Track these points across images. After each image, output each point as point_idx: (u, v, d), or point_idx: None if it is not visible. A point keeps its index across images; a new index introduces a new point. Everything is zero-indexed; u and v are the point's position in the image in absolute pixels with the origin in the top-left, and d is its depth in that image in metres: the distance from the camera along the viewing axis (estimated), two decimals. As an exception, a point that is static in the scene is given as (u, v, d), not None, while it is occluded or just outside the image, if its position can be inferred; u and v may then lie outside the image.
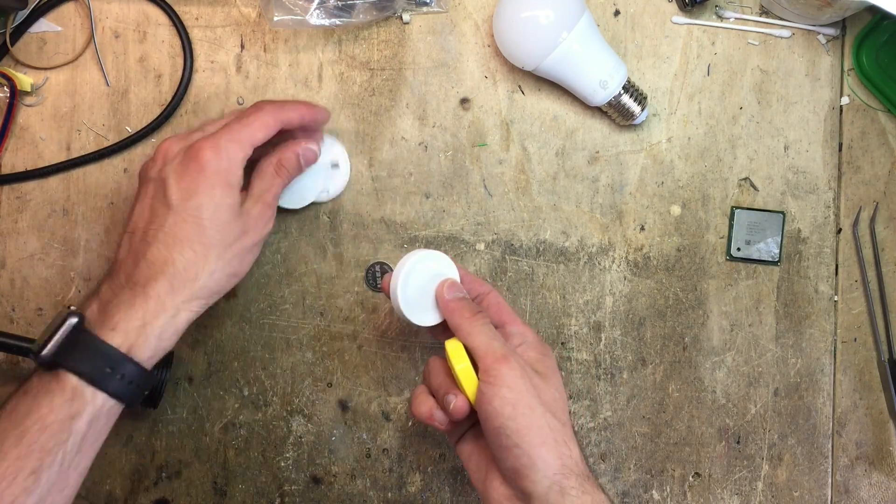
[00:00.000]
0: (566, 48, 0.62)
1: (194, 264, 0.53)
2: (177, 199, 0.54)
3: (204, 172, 0.54)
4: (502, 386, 0.51)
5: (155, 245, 0.53)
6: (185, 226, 0.53)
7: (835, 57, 0.68)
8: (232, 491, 0.67)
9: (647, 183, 0.68)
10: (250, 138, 0.56)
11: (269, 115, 0.57)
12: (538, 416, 0.51)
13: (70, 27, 0.67)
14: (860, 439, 0.68)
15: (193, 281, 0.53)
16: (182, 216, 0.53)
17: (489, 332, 0.54)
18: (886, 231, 0.68)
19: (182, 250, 0.53)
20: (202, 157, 0.54)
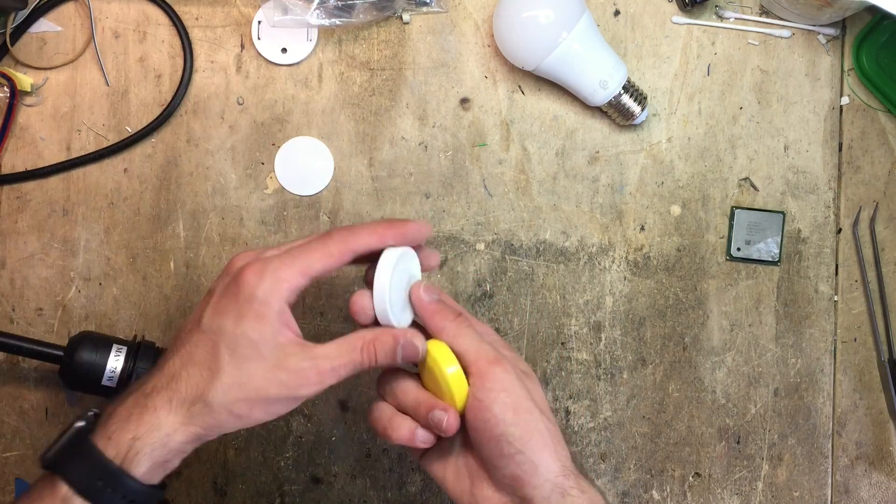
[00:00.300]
0: (566, 48, 0.62)
1: (197, 388, 0.48)
2: (206, 318, 0.49)
3: (238, 297, 0.48)
4: (500, 391, 0.49)
5: (173, 357, 0.49)
6: (203, 347, 0.48)
7: (835, 57, 0.68)
8: (232, 491, 0.67)
9: (647, 183, 0.68)
10: (305, 269, 0.48)
11: (335, 243, 0.50)
12: (538, 420, 0.49)
13: (70, 27, 0.67)
14: (860, 439, 0.68)
15: (193, 403, 0.48)
16: (204, 336, 0.48)
17: (476, 334, 0.51)
18: (886, 231, 0.68)
19: (190, 370, 0.48)
20: (242, 279, 0.48)
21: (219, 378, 0.48)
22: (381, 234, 0.50)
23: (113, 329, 0.67)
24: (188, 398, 0.48)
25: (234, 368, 0.48)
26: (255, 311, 0.48)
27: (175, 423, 0.47)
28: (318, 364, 0.49)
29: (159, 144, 0.67)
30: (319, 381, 0.49)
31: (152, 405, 0.48)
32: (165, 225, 0.67)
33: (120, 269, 0.67)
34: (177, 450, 0.48)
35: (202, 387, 0.48)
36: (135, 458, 0.46)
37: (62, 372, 0.61)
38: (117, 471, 0.46)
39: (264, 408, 0.49)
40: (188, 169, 0.67)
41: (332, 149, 0.67)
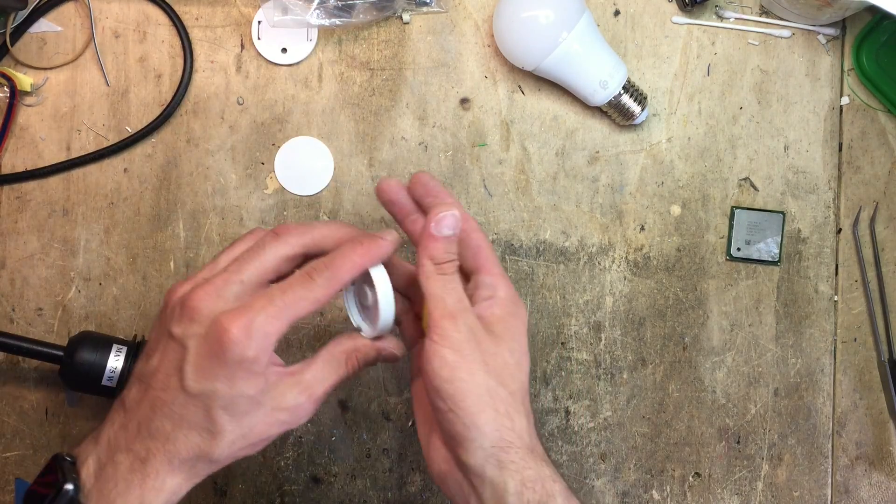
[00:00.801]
0: (566, 48, 0.62)
1: (198, 448, 0.47)
2: (191, 380, 0.46)
3: (225, 357, 0.45)
4: (444, 346, 0.48)
5: (160, 418, 0.47)
6: (196, 410, 0.47)
7: (835, 57, 0.68)
8: (232, 491, 0.67)
9: (647, 183, 0.68)
10: (292, 319, 0.47)
11: (321, 288, 0.48)
12: (478, 384, 0.47)
13: (70, 27, 0.67)
14: (860, 439, 0.68)
15: (197, 461, 0.47)
16: (193, 399, 0.46)
17: (447, 283, 0.50)
18: (886, 231, 0.68)
19: (187, 434, 0.47)
20: (228, 338, 0.45)
21: (221, 437, 0.47)
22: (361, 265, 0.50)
23: (113, 329, 0.67)
24: (190, 458, 0.47)
25: (235, 426, 0.47)
26: (248, 370, 0.46)
27: (180, 481, 0.48)
28: (312, 392, 0.49)
29: (159, 144, 0.67)
30: (315, 406, 0.50)
31: (153, 470, 0.47)
32: (165, 225, 0.67)
33: (120, 269, 0.67)
34: (179, 494, 0.48)
35: (204, 447, 0.47)
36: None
37: (62, 372, 0.61)
38: None
39: (266, 443, 0.49)
40: (188, 169, 0.67)
41: (332, 149, 0.67)
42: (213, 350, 0.46)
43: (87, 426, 0.67)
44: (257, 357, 0.46)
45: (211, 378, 0.46)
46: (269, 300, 0.47)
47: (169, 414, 0.47)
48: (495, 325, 0.50)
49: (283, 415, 0.48)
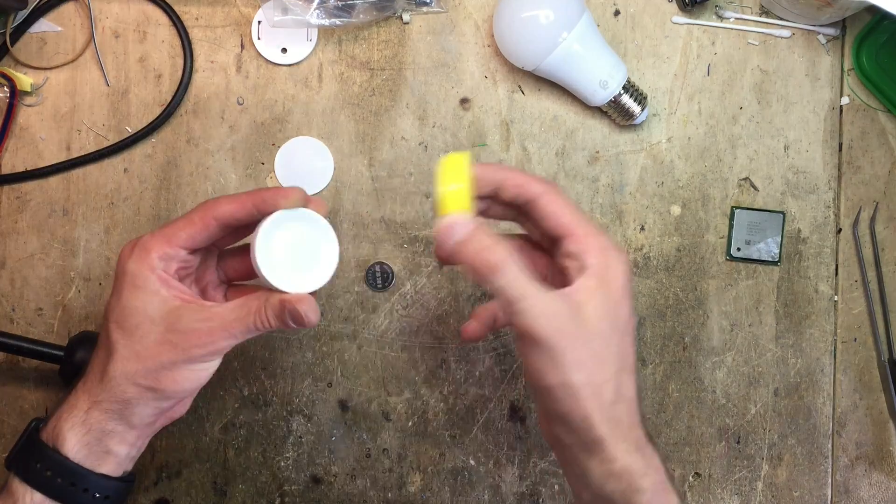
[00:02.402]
0: (566, 48, 0.62)
1: (100, 367, 0.51)
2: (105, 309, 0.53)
3: (116, 273, 0.52)
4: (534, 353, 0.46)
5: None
6: (103, 329, 0.52)
7: (835, 57, 0.68)
8: (232, 491, 0.67)
9: (647, 183, 0.68)
10: (169, 237, 0.51)
11: (196, 212, 0.52)
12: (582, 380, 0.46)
13: (70, 27, 0.67)
14: (860, 439, 0.68)
15: (99, 381, 0.51)
16: (103, 321, 0.52)
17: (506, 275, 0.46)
18: (886, 231, 0.68)
19: (98, 352, 0.52)
20: (119, 258, 0.52)
21: (115, 352, 0.50)
22: (242, 201, 0.51)
23: (113, 329, 0.67)
24: (96, 378, 0.51)
25: (127, 340, 0.50)
26: (130, 282, 0.50)
27: (88, 400, 0.51)
28: (211, 324, 0.50)
29: (159, 144, 0.67)
30: (212, 341, 0.50)
31: (73, 392, 0.52)
32: (165, 225, 0.67)
33: (120, 269, 0.67)
34: (101, 429, 0.50)
35: (104, 364, 0.51)
36: (59, 437, 0.50)
37: (62, 372, 0.61)
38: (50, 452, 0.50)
39: (168, 375, 0.50)
40: (188, 169, 0.67)
41: (332, 149, 0.67)
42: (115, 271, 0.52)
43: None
44: (139, 270, 0.50)
45: (110, 297, 0.52)
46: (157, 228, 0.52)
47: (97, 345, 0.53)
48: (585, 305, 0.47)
49: (174, 336, 0.49)
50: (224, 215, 0.51)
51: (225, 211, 0.51)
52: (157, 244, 0.51)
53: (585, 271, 0.47)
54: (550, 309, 0.46)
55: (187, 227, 0.51)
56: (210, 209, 0.51)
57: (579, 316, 0.46)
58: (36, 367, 0.66)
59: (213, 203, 0.52)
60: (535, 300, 0.46)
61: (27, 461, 0.50)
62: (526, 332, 0.46)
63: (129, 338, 0.50)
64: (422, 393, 0.67)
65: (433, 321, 0.67)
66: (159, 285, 0.50)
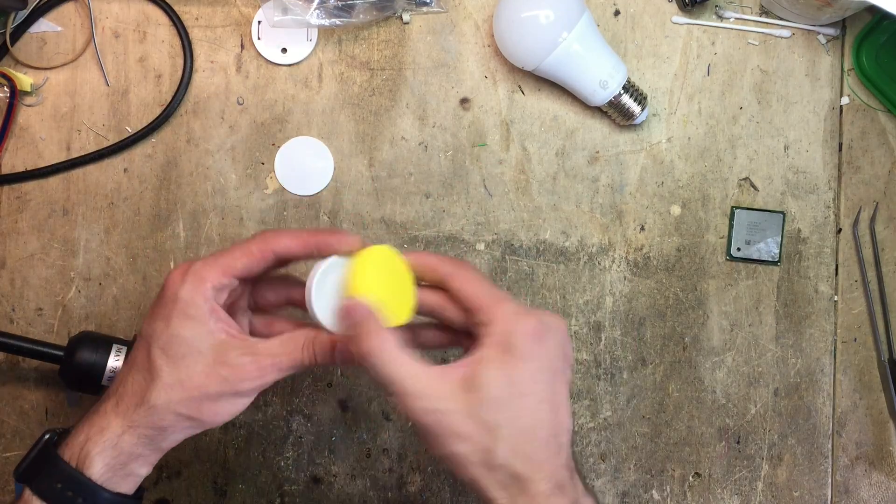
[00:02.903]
0: (566, 48, 0.62)
1: (139, 391, 0.49)
2: (143, 325, 0.51)
3: (163, 299, 0.50)
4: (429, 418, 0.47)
5: (123, 371, 0.52)
6: (141, 352, 0.50)
7: (835, 57, 0.68)
8: (232, 491, 0.67)
9: (647, 183, 0.68)
10: (226, 268, 0.50)
11: (256, 244, 0.51)
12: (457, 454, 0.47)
13: (70, 27, 0.67)
14: (860, 439, 0.68)
15: (137, 406, 0.49)
16: (142, 342, 0.51)
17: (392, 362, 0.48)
18: (886, 231, 0.68)
19: (134, 375, 0.50)
20: (168, 282, 0.50)
21: (158, 379, 0.49)
22: (303, 240, 0.51)
23: (113, 329, 0.67)
24: (133, 402, 0.49)
25: (172, 369, 0.49)
26: (181, 310, 0.49)
27: (122, 425, 0.49)
28: (259, 359, 0.50)
29: (159, 144, 0.67)
30: (260, 376, 0.50)
31: (102, 410, 0.50)
32: (165, 225, 0.67)
33: (120, 269, 0.67)
34: (130, 452, 0.49)
35: (143, 389, 0.49)
36: (86, 460, 0.48)
37: (62, 372, 0.61)
38: (75, 473, 0.48)
39: (210, 407, 0.50)
40: (188, 169, 0.67)
41: (332, 149, 0.67)
42: (159, 297, 0.51)
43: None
44: (191, 298, 0.49)
45: (154, 319, 0.50)
46: (212, 255, 0.51)
47: (129, 360, 0.51)
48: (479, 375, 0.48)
49: (224, 370, 0.49)
50: (283, 251, 0.51)
51: (285, 246, 0.51)
52: (213, 274, 0.50)
53: (486, 339, 0.49)
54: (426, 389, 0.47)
55: (245, 258, 0.51)
56: (270, 242, 0.51)
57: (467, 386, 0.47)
58: (36, 367, 0.66)
59: (274, 236, 0.51)
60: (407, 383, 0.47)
61: (48, 481, 0.48)
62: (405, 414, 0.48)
63: (176, 367, 0.49)
64: (422, 393, 0.67)
65: (433, 321, 0.67)
66: (211, 316, 0.50)
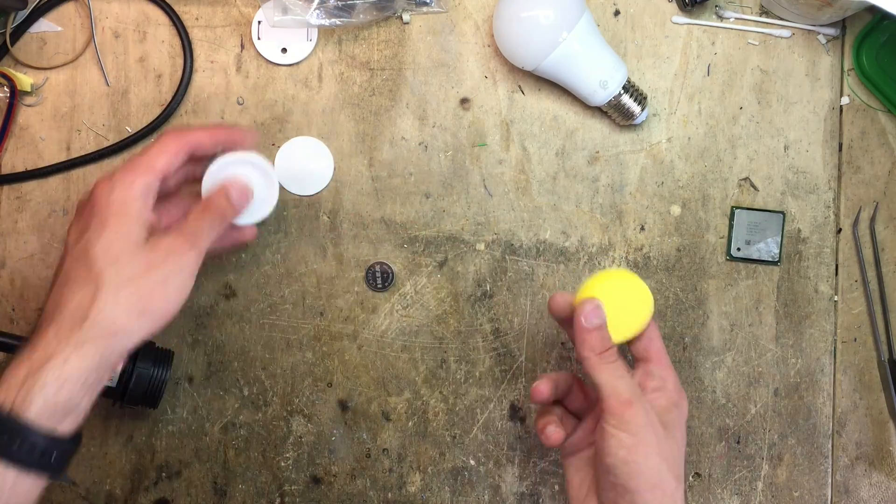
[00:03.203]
0: (566, 48, 0.62)
1: (81, 304, 0.48)
2: (71, 240, 0.52)
3: (94, 208, 0.52)
4: (624, 431, 0.51)
5: (51, 292, 0.51)
6: (76, 265, 0.50)
7: (835, 57, 0.68)
8: (232, 491, 0.67)
9: (647, 183, 0.68)
10: (148, 165, 0.53)
11: (171, 141, 0.54)
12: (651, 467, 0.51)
13: (70, 27, 0.67)
14: (860, 439, 0.68)
15: (82, 321, 0.48)
16: (74, 256, 0.51)
17: (616, 370, 0.53)
18: (886, 231, 0.68)
19: (72, 291, 0.49)
20: (95, 194, 0.52)
21: (104, 284, 0.49)
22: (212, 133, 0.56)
23: (113, 329, 0.67)
24: (77, 318, 0.48)
25: (115, 269, 0.50)
26: (116, 212, 0.51)
27: (68, 349, 0.47)
28: (181, 233, 0.53)
29: (159, 144, 0.67)
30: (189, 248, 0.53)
31: (41, 341, 0.47)
32: (165, 225, 0.67)
33: (120, 269, 0.67)
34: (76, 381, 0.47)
35: (88, 301, 0.48)
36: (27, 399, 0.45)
37: (62, 371, 0.61)
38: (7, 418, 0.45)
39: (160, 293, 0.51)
40: (188, 169, 0.67)
41: (332, 149, 0.67)
42: (85, 210, 0.53)
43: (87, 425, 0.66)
44: (123, 200, 0.51)
45: (85, 230, 0.51)
46: (128, 161, 0.54)
47: (57, 283, 0.51)
48: (664, 415, 0.53)
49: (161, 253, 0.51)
50: (194, 144, 0.55)
51: (197, 140, 0.55)
52: (138, 175, 0.52)
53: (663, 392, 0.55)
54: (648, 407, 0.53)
55: (163, 156, 0.53)
56: (184, 137, 0.55)
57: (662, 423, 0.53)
58: None
59: (186, 132, 0.55)
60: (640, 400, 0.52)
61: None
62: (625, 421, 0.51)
63: (119, 265, 0.50)
64: (422, 393, 0.67)
65: (433, 321, 0.67)
66: (142, 213, 0.52)
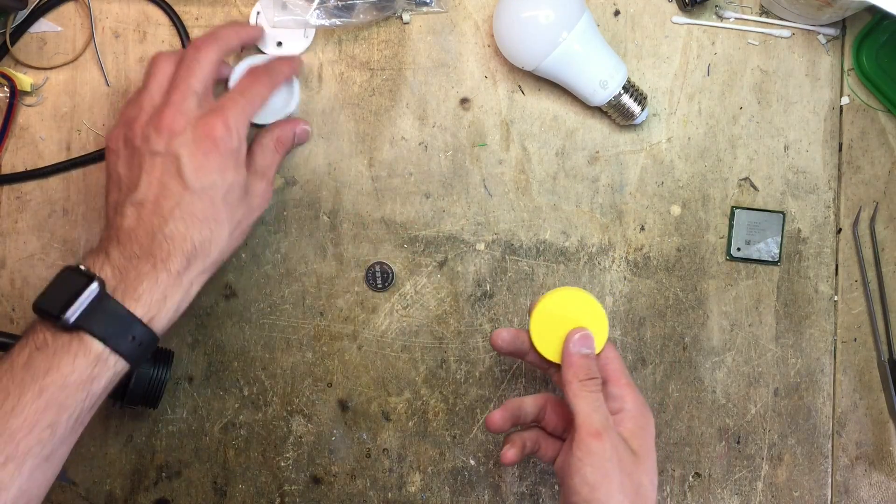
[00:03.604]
0: (566, 48, 0.62)
1: (209, 242, 0.55)
2: (193, 178, 0.54)
3: (217, 151, 0.55)
4: (587, 463, 0.51)
5: (172, 222, 0.54)
6: (202, 204, 0.55)
7: (835, 57, 0.68)
8: (232, 491, 0.67)
9: (647, 183, 0.68)
10: (252, 111, 0.58)
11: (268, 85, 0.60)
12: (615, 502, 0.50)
13: (70, 27, 0.67)
14: (860, 439, 0.68)
15: (207, 257, 0.55)
16: (198, 195, 0.55)
17: (594, 401, 0.53)
18: (886, 231, 0.68)
19: (200, 228, 0.55)
20: (215, 134, 0.55)
21: (225, 225, 0.56)
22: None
23: (113, 329, 0.67)
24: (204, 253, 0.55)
25: (230, 214, 0.56)
26: (234, 160, 0.56)
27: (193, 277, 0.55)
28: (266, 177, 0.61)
29: (159, 144, 0.67)
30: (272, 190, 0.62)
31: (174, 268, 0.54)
32: (165, 225, 0.67)
33: (120, 269, 0.67)
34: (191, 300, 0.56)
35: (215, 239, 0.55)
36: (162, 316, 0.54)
37: (62, 371, 0.61)
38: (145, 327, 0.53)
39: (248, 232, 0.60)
40: (188, 169, 0.67)
41: (332, 149, 0.67)
42: (204, 149, 0.55)
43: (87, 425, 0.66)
44: (239, 147, 0.57)
45: (209, 172, 0.55)
46: (234, 101, 0.58)
47: (179, 216, 0.54)
48: (631, 441, 0.53)
49: (256, 200, 0.60)
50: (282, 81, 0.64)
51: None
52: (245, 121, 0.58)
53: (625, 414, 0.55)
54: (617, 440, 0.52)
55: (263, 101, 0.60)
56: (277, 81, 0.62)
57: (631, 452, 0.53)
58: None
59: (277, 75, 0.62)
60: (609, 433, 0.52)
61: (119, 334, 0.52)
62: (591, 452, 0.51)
63: (232, 212, 0.57)
64: (422, 393, 0.67)
65: (433, 321, 0.67)
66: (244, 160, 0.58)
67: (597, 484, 0.50)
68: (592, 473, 0.50)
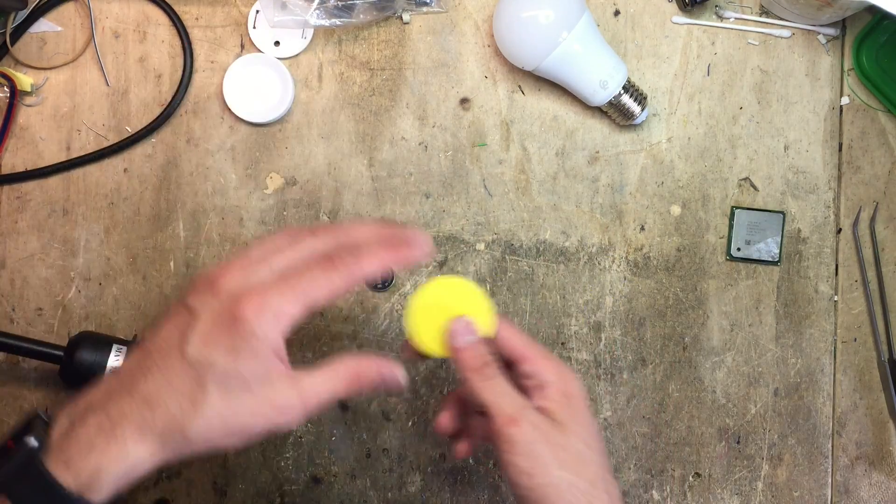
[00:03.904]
0: (566, 48, 0.62)
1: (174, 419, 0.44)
2: (191, 347, 0.45)
3: (233, 331, 0.45)
4: (515, 454, 0.48)
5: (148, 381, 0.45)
6: (186, 377, 0.45)
7: (835, 57, 0.68)
8: (232, 491, 0.67)
9: (647, 183, 0.68)
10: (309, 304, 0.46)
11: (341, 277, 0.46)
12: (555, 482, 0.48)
13: (70, 27, 0.67)
14: (860, 439, 0.68)
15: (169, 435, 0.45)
16: (187, 367, 0.45)
17: (496, 387, 0.50)
18: (886, 231, 0.68)
19: (169, 400, 0.45)
20: (240, 312, 0.44)
21: (202, 412, 0.44)
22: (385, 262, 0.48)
23: (113, 329, 0.67)
24: (164, 429, 0.45)
25: (221, 403, 0.45)
26: (252, 347, 0.45)
27: (145, 453, 0.44)
28: (305, 399, 0.47)
29: (159, 144, 0.67)
30: (304, 413, 0.47)
31: (121, 434, 0.44)
32: (165, 225, 0.67)
33: (120, 269, 0.67)
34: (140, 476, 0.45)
35: (181, 419, 0.44)
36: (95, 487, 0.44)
37: (62, 372, 0.61)
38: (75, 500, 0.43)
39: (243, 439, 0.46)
40: (188, 169, 0.67)
41: (332, 149, 0.67)
42: (222, 321, 0.45)
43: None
44: (265, 336, 0.45)
45: (213, 347, 0.45)
46: (286, 282, 0.46)
47: (158, 378, 0.45)
48: (556, 413, 0.50)
49: (271, 411, 0.46)
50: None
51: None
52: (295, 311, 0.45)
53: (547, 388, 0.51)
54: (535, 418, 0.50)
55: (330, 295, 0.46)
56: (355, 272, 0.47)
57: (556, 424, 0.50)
58: (36, 367, 0.66)
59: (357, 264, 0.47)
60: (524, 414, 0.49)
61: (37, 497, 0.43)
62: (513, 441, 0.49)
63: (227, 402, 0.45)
64: (422, 393, 0.67)
65: (433, 321, 0.67)
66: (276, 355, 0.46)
67: (532, 470, 0.48)
68: (524, 461, 0.48)
